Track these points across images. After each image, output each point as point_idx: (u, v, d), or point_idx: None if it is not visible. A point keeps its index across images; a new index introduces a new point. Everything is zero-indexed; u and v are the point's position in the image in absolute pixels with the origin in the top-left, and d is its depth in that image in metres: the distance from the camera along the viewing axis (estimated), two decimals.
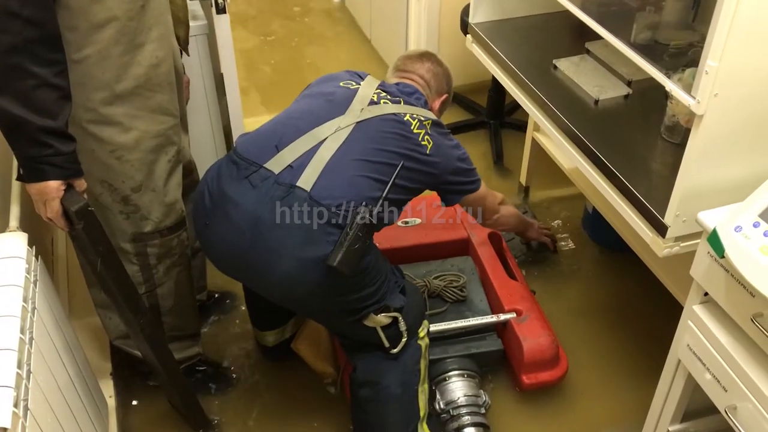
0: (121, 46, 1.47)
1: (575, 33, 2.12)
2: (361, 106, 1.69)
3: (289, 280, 1.55)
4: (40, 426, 1.25)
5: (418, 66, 1.91)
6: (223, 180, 1.59)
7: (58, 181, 1.40)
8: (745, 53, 1.21)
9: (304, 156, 1.57)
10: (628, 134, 1.77)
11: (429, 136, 1.72)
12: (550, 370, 2.00)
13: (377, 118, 1.68)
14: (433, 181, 1.75)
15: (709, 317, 1.40)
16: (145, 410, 2.02)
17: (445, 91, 1.96)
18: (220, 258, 1.66)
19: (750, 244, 1.22)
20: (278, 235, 1.52)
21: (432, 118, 1.77)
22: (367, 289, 1.63)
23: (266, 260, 1.55)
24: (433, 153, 1.71)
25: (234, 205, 1.56)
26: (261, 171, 1.56)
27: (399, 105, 1.74)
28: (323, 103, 1.71)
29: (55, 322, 1.53)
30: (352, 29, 3.89)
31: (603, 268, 2.45)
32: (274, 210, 1.52)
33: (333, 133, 1.62)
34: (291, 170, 1.55)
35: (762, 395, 1.26)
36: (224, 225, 1.58)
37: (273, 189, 1.53)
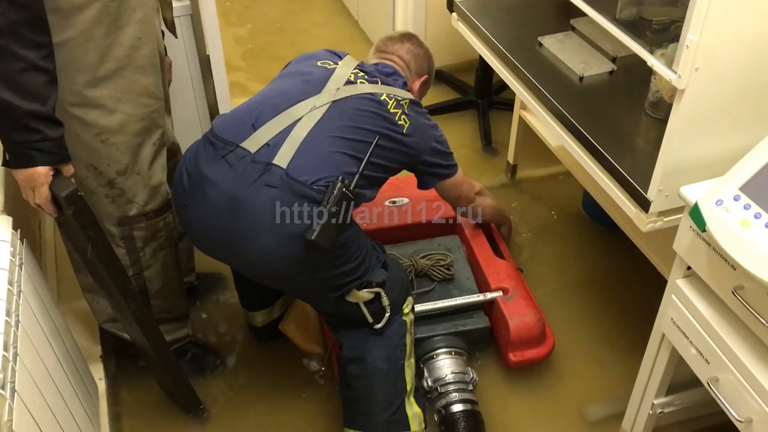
0: (103, 27, 1.46)
1: (560, 10, 2.12)
2: (337, 86, 1.70)
3: (268, 256, 1.56)
4: (28, 408, 1.25)
5: (398, 47, 1.92)
6: (201, 160, 1.60)
7: (47, 167, 1.39)
8: (724, 27, 1.21)
9: (280, 135, 1.58)
10: (613, 111, 1.77)
11: (406, 115, 1.72)
12: (537, 347, 2.02)
13: (353, 97, 1.69)
14: (410, 161, 1.77)
15: (692, 291, 1.42)
16: (135, 393, 2.02)
17: (425, 72, 1.97)
18: (201, 238, 1.67)
19: (730, 217, 1.23)
20: (256, 213, 1.53)
21: (410, 98, 1.78)
22: (348, 265, 1.64)
23: (245, 238, 1.56)
24: (410, 133, 1.72)
25: (211, 184, 1.56)
26: (237, 150, 1.57)
27: (376, 85, 1.75)
28: (300, 83, 1.72)
29: (42, 305, 1.53)
30: (340, 9, 3.86)
31: (589, 246, 2.46)
32: (250, 188, 1.53)
33: (308, 112, 1.63)
34: (267, 149, 1.56)
35: (743, 367, 1.28)
36: (202, 205, 1.59)
37: (250, 167, 1.54)
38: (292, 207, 1.53)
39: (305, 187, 1.52)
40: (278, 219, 1.53)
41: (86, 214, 1.48)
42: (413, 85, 1.93)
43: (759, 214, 1.20)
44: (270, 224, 1.52)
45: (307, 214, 1.52)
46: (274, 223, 1.52)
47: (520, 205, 2.65)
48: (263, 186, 1.53)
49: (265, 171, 1.54)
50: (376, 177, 1.69)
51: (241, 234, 1.56)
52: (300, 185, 1.52)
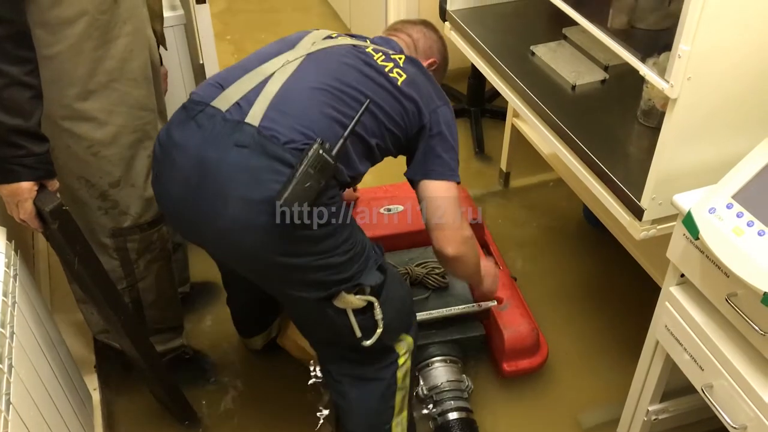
0: (93, 41, 1.46)
1: (552, 19, 2.13)
2: (313, 41, 1.55)
3: (238, 227, 1.40)
4: (23, 420, 1.25)
5: (409, 26, 1.77)
6: (172, 126, 1.48)
7: (31, 182, 1.38)
8: (716, 37, 1.23)
9: (251, 92, 1.44)
10: (605, 119, 1.78)
11: (400, 69, 1.54)
12: (530, 357, 2.02)
13: (332, 48, 1.53)
14: (408, 122, 1.53)
15: (685, 298, 1.43)
16: (129, 403, 2.02)
17: (433, 55, 1.78)
18: (170, 211, 1.54)
19: (723, 225, 1.24)
20: (224, 176, 1.39)
21: (405, 55, 1.60)
22: (335, 257, 1.44)
23: (213, 205, 1.41)
24: (406, 86, 1.52)
25: (179, 149, 1.43)
26: (207, 109, 1.43)
27: (362, 41, 1.59)
28: (273, 44, 1.58)
29: (36, 316, 1.52)
30: (332, 18, 3.87)
31: (583, 253, 2.47)
32: (218, 149, 1.39)
33: (280, 67, 1.48)
34: (238, 107, 1.42)
35: (737, 373, 1.28)
36: (171, 172, 1.46)
37: (219, 126, 1.40)
38: (264, 169, 1.37)
39: (278, 147, 1.36)
40: (248, 183, 1.37)
41: (71, 228, 1.47)
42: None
43: (752, 222, 1.22)
44: (239, 189, 1.37)
45: (279, 178, 1.35)
46: (244, 187, 1.37)
47: (513, 213, 2.66)
48: (233, 146, 1.38)
49: (236, 130, 1.39)
50: (366, 147, 1.49)
51: (209, 201, 1.41)
52: (273, 145, 1.36)
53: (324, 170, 1.35)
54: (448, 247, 1.58)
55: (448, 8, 2.20)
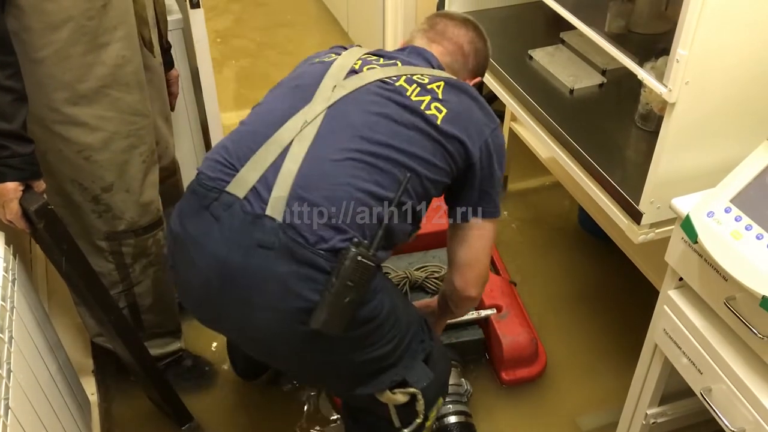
0: (81, 46, 1.45)
1: (550, 23, 2.13)
2: (333, 83, 1.31)
3: (269, 335, 1.26)
4: (22, 425, 1.24)
5: (460, 32, 1.50)
6: (185, 215, 1.30)
7: (16, 183, 1.39)
8: (714, 41, 1.23)
9: (269, 172, 1.23)
10: (603, 123, 1.79)
11: (439, 103, 1.31)
12: (529, 366, 2.03)
13: (355, 94, 1.30)
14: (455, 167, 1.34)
15: (684, 302, 1.43)
16: (128, 407, 2.01)
17: (480, 74, 1.57)
18: (192, 306, 1.40)
19: (722, 229, 1.24)
20: (249, 283, 1.22)
21: (444, 78, 1.36)
22: (378, 349, 1.29)
23: (240, 312, 1.26)
24: (448, 124, 1.30)
25: (196, 245, 1.26)
26: (223, 197, 1.24)
27: (392, 67, 1.35)
28: (288, 92, 1.37)
29: (34, 320, 1.52)
30: (329, 22, 3.88)
31: (581, 257, 2.47)
32: (240, 250, 1.21)
33: (298, 132, 1.25)
34: (256, 194, 1.22)
35: (735, 377, 1.29)
36: (189, 270, 1.29)
37: (238, 220, 1.21)
38: (294, 276, 1.19)
39: (307, 251, 1.18)
40: (277, 292, 1.20)
41: (58, 228, 1.47)
42: None
43: (750, 226, 1.22)
44: (268, 299, 1.21)
45: (312, 286, 1.18)
46: (273, 297, 1.21)
47: (511, 216, 2.66)
48: (256, 248, 1.19)
49: (256, 226, 1.20)
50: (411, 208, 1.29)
51: (234, 308, 1.26)
52: (301, 248, 1.17)
53: (364, 276, 1.17)
54: (472, 289, 1.47)
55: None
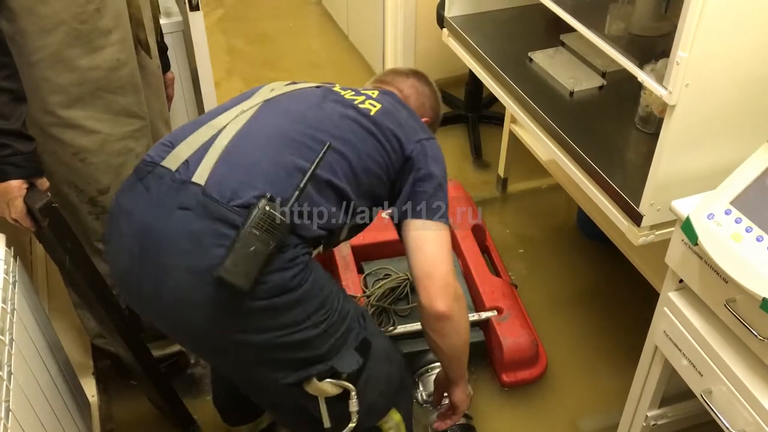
0: (76, 49, 1.46)
1: (550, 26, 2.13)
2: (272, 87, 1.42)
3: (180, 301, 1.23)
4: (22, 427, 1.24)
5: (400, 79, 1.60)
6: (121, 190, 1.34)
7: (20, 181, 1.39)
8: (714, 44, 1.23)
9: (201, 148, 1.29)
10: (603, 125, 1.79)
11: (373, 100, 1.39)
12: (530, 368, 2.03)
13: (292, 92, 1.40)
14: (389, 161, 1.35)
15: (684, 304, 1.43)
16: (128, 409, 2.01)
17: (427, 114, 1.59)
18: (120, 285, 1.39)
19: (722, 231, 1.24)
20: (164, 244, 1.22)
21: (380, 89, 1.47)
22: (303, 331, 1.24)
23: (153, 278, 1.24)
24: (381, 116, 1.36)
25: (126, 215, 1.29)
26: (156, 170, 1.28)
27: (330, 84, 1.45)
28: (234, 98, 1.45)
29: (35, 322, 1.52)
30: (329, 23, 3.88)
31: (582, 260, 2.47)
32: (162, 213, 1.24)
33: (234, 118, 1.33)
34: (186, 166, 1.27)
35: (736, 379, 1.29)
36: (117, 242, 1.31)
37: (166, 189, 1.25)
38: (206, 233, 1.20)
39: (222, 206, 1.20)
40: (190, 250, 1.20)
41: (62, 226, 1.48)
42: None
43: (750, 228, 1.22)
44: (180, 258, 1.21)
45: (223, 242, 1.18)
46: (186, 256, 1.21)
47: (511, 218, 2.66)
48: (176, 209, 1.22)
49: (180, 191, 1.23)
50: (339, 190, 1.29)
51: (150, 274, 1.25)
52: (216, 204, 1.20)
53: (273, 230, 1.18)
54: (437, 301, 1.33)
55: (446, 15, 2.21)
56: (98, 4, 1.45)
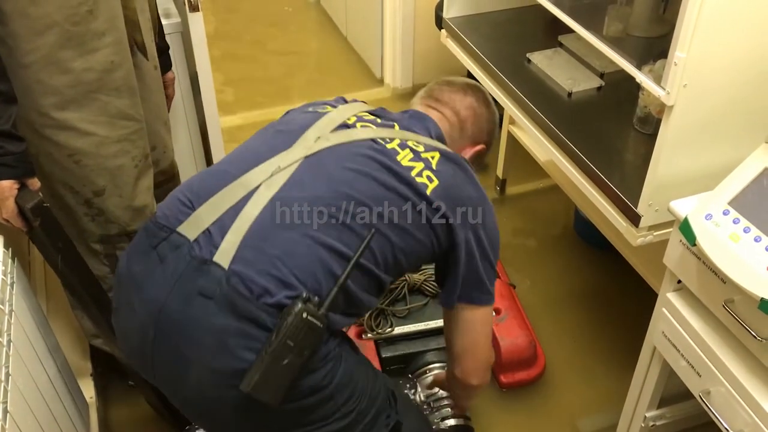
0: (69, 51, 1.46)
1: (548, 27, 2.14)
2: (318, 134, 1.21)
3: (202, 399, 1.13)
4: (20, 428, 1.24)
5: (457, 97, 1.42)
6: (132, 253, 1.19)
7: (11, 181, 1.39)
8: (712, 44, 1.23)
9: (227, 215, 1.12)
10: (602, 126, 1.79)
11: (431, 172, 1.21)
12: (528, 369, 2.03)
13: (339, 147, 1.20)
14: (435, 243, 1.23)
15: (682, 304, 1.43)
16: (126, 411, 2.01)
17: (483, 141, 1.47)
18: (130, 357, 1.26)
19: (720, 231, 1.24)
20: (184, 336, 1.10)
21: (441, 149, 1.27)
22: (332, 423, 1.16)
23: (173, 369, 1.13)
24: (436, 196, 1.20)
25: (137, 288, 1.15)
26: (172, 237, 1.13)
27: (387, 129, 1.26)
28: (270, 135, 1.26)
29: (33, 323, 1.52)
30: (328, 24, 3.88)
31: (580, 261, 2.47)
32: (180, 297, 1.09)
33: (268, 177, 1.15)
34: (208, 237, 1.11)
35: (734, 379, 1.29)
36: (128, 317, 1.18)
37: (183, 264, 1.10)
38: (232, 332, 1.07)
39: (250, 303, 1.06)
40: (213, 348, 1.08)
41: (53, 226, 1.48)
42: (462, 153, 1.40)
43: (748, 228, 1.22)
44: (202, 355, 1.09)
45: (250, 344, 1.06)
46: (208, 354, 1.08)
47: (510, 219, 2.66)
48: (196, 295, 1.08)
49: (201, 272, 1.08)
50: (377, 278, 1.16)
51: (169, 363, 1.13)
52: (243, 300, 1.06)
53: (309, 338, 1.05)
54: (473, 378, 1.36)
55: (444, 16, 2.21)
56: (91, 6, 1.45)
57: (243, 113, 3.19)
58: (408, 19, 3.08)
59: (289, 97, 3.32)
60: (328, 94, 3.40)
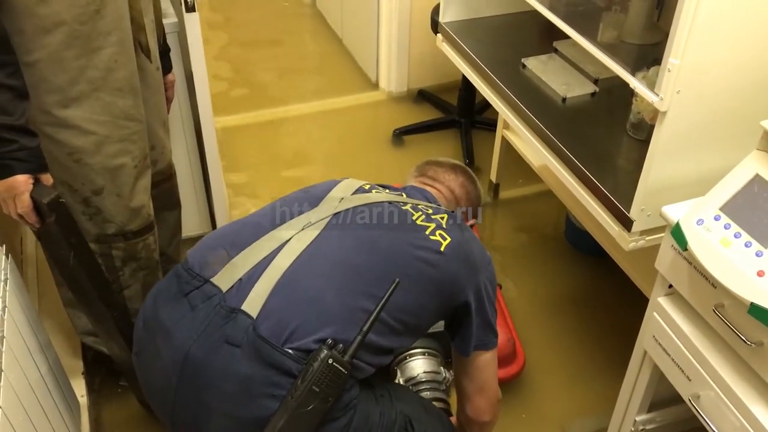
0: (74, 50, 1.46)
1: (543, 32, 2.15)
2: (341, 195, 1.31)
3: None
4: (12, 425, 1.24)
5: (449, 177, 1.55)
6: (160, 298, 1.22)
7: (26, 175, 1.40)
8: (705, 51, 1.25)
9: (259, 266, 1.17)
10: (595, 131, 1.80)
11: (443, 231, 1.30)
12: (506, 366, 2.02)
13: (362, 207, 1.29)
14: (446, 298, 1.29)
15: (673, 309, 1.44)
16: (117, 409, 2.01)
17: (473, 216, 1.60)
18: (153, 403, 1.27)
19: (711, 236, 1.25)
20: (207, 383, 1.11)
21: (448, 212, 1.38)
22: None
23: (193, 414, 1.14)
24: (450, 252, 1.28)
25: (165, 334, 1.17)
26: (205, 287, 1.16)
27: (398, 196, 1.37)
28: (297, 195, 1.35)
29: (26, 320, 1.51)
30: (323, 28, 3.89)
31: (572, 266, 2.49)
32: (207, 345, 1.11)
33: (299, 231, 1.21)
34: (239, 286, 1.15)
35: (724, 384, 1.30)
36: (152, 361, 1.20)
37: (214, 314, 1.12)
38: (257, 380, 1.09)
39: (276, 351, 1.08)
40: (236, 396, 1.10)
41: (68, 221, 1.49)
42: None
43: (739, 234, 1.23)
44: (224, 403, 1.10)
45: (275, 392, 1.08)
46: (230, 401, 1.10)
47: (502, 224, 2.67)
48: (223, 343, 1.10)
49: (229, 320, 1.11)
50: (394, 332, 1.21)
51: (190, 410, 1.15)
52: (270, 348, 1.08)
53: (334, 384, 1.08)
54: (486, 415, 1.43)
55: (440, 20, 2.22)
56: (98, 5, 1.45)
57: (235, 115, 3.20)
58: (404, 22, 3.09)
59: (282, 99, 3.32)
60: (322, 97, 3.42)
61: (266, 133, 3.14)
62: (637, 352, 1.60)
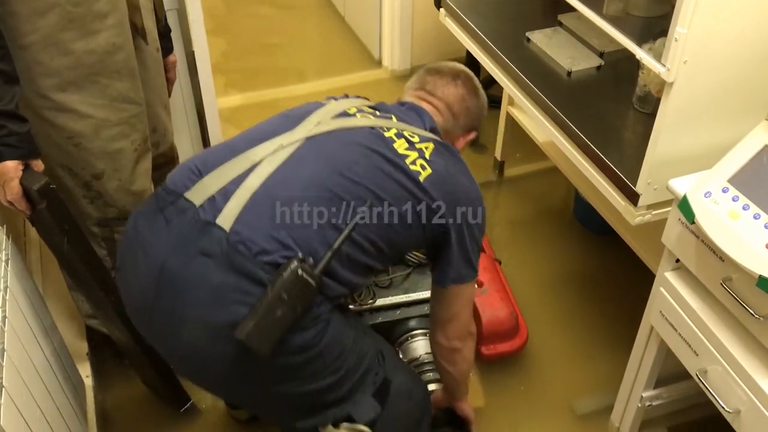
0: (70, 33, 1.44)
1: (547, 5, 2.12)
2: (319, 119, 1.31)
3: (195, 352, 1.19)
4: (17, 405, 1.24)
5: (449, 90, 1.50)
6: (140, 215, 1.27)
7: (15, 161, 1.38)
8: (713, 20, 1.22)
9: (232, 184, 1.21)
10: (601, 105, 1.78)
11: (425, 161, 1.30)
12: (509, 341, 2.02)
13: (340, 132, 1.30)
14: (426, 229, 1.31)
15: (680, 283, 1.43)
16: (122, 390, 2.01)
17: (474, 127, 1.56)
18: (132, 316, 1.33)
19: (719, 209, 1.24)
20: (181, 291, 1.16)
21: (435, 140, 1.36)
22: (321, 380, 1.22)
23: (168, 324, 1.20)
24: (429, 183, 1.29)
25: (142, 247, 1.22)
26: (179, 202, 1.21)
27: (385, 120, 1.35)
28: (276, 119, 1.36)
29: (29, 301, 1.51)
30: (326, 5, 3.85)
31: (577, 244, 2.47)
32: (181, 255, 1.16)
33: (271, 153, 1.24)
34: (212, 203, 1.19)
35: (731, 358, 1.29)
36: (131, 274, 1.25)
37: (188, 226, 1.18)
38: (229, 288, 1.14)
39: (248, 260, 1.13)
40: (209, 303, 1.15)
41: (60, 207, 1.47)
42: (455, 143, 1.50)
43: (747, 206, 1.21)
44: (197, 310, 1.16)
45: (245, 299, 1.13)
46: (204, 308, 1.15)
47: (508, 201, 2.65)
48: (197, 254, 1.15)
49: (204, 233, 1.16)
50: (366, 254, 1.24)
51: (164, 320, 1.20)
52: (241, 257, 1.13)
53: (303, 294, 1.13)
54: (456, 341, 1.46)
55: None
56: None
57: (239, 94, 3.17)
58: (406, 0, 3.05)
59: (285, 78, 3.30)
60: (325, 76, 3.39)
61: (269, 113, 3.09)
62: (644, 328, 1.59)
